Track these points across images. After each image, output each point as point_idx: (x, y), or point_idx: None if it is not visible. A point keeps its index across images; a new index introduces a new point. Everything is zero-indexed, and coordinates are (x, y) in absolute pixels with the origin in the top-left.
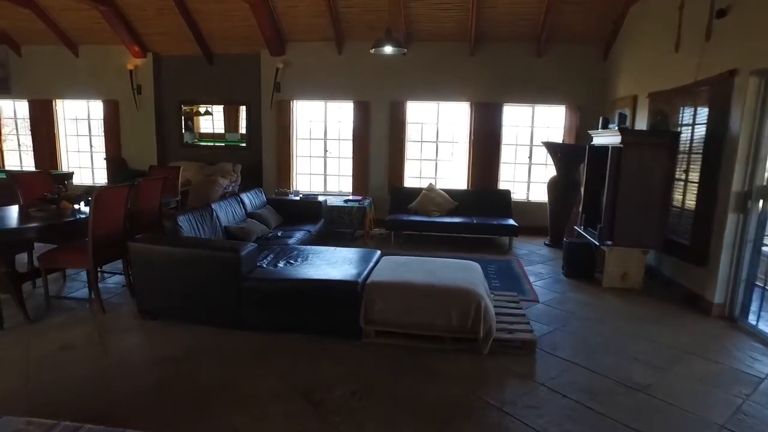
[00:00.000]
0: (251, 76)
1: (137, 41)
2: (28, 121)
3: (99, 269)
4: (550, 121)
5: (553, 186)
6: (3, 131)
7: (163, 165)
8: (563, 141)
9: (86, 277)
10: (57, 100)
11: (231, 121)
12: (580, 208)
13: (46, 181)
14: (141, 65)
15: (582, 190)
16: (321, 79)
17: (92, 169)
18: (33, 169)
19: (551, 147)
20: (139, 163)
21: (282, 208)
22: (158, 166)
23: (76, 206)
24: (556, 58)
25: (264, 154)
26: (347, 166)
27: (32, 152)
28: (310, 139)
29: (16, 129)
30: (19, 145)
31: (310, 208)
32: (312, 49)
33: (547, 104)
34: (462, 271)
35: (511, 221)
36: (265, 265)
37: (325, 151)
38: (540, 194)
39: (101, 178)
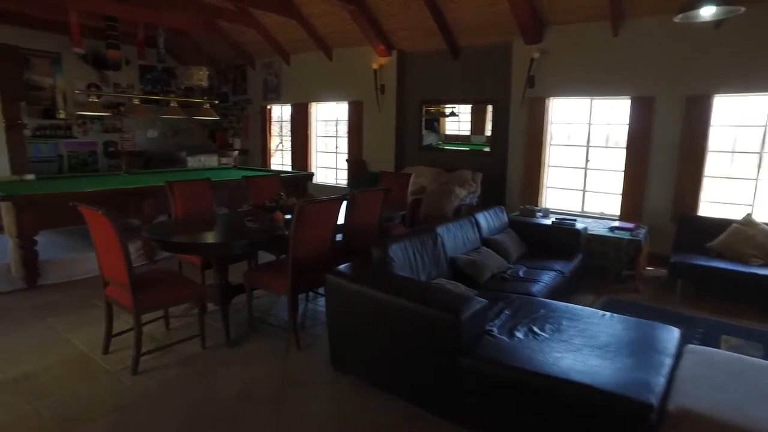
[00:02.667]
0: (500, 71)
1: (383, 39)
2: (290, 123)
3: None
4: None
5: None
6: (272, 133)
7: (398, 169)
8: None
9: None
10: (312, 103)
11: (477, 122)
12: None
13: (274, 186)
14: (385, 64)
15: None
16: (587, 70)
17: (336, 170)
18: (290, 168)
19: None
20: (377, 165)
21: (527, 232)
22: (391, 171)
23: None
24: None
25: (509, 161)
26: (615, 182)
27: (290, 153)
28: (568, 145)
29: (281, 131)
30: (282, 145)
31: (564, 237)
32: (577, 32)
33: None
34: None
35: None
36: (496, 331)
37: (587, 161)
38: None
39: (342, 179)
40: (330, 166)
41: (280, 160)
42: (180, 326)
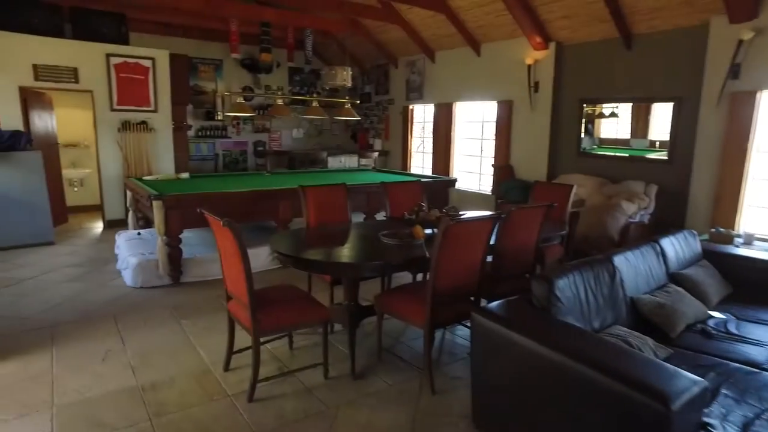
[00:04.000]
0: (687, 60)
1: (539, 30)
2: (432, 124)
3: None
4: None
5: None
6: (414, 135)
7: (550, 177)
8: None
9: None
10: (456, 103)
11: (639, 123)
12: None
13: (414, 194)
14: (541, 59)
15: None
16: None
17: (479, 175)
18: (429, 171)
19: None
20: (526, 172)
21: (723, 265)
22: (546, 181)
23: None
24: None
25: (694, 171)
26: None
27: (431, 155)
28: None
29: (422, 132)
30: (423, 147)
31: None
32: None
33: None
34: None
35: None
36: (717, 425)
37: None
38: None
39: (486, 185)
40: (473, 170)
41: (421, 162)
42: (305, 345)
